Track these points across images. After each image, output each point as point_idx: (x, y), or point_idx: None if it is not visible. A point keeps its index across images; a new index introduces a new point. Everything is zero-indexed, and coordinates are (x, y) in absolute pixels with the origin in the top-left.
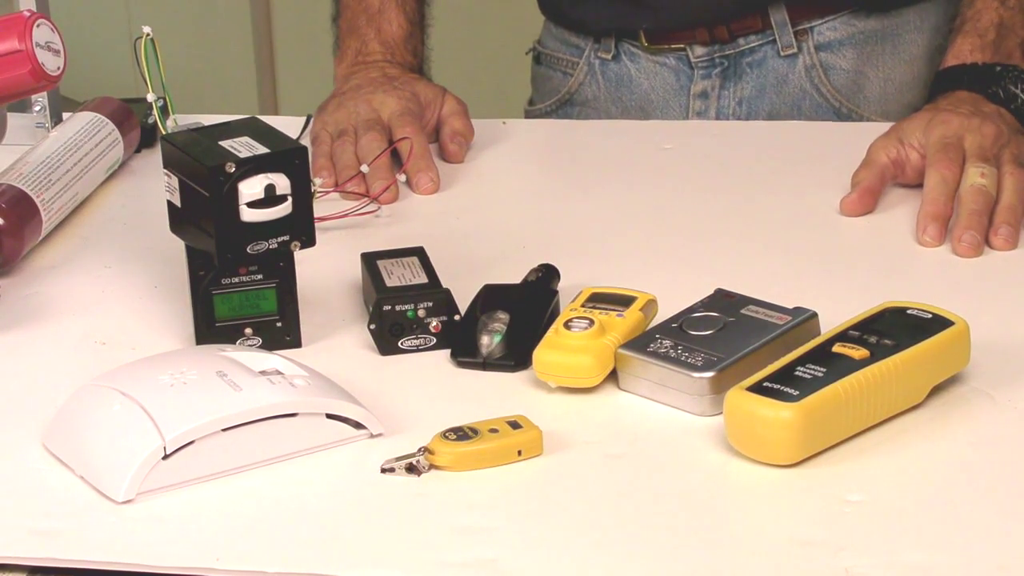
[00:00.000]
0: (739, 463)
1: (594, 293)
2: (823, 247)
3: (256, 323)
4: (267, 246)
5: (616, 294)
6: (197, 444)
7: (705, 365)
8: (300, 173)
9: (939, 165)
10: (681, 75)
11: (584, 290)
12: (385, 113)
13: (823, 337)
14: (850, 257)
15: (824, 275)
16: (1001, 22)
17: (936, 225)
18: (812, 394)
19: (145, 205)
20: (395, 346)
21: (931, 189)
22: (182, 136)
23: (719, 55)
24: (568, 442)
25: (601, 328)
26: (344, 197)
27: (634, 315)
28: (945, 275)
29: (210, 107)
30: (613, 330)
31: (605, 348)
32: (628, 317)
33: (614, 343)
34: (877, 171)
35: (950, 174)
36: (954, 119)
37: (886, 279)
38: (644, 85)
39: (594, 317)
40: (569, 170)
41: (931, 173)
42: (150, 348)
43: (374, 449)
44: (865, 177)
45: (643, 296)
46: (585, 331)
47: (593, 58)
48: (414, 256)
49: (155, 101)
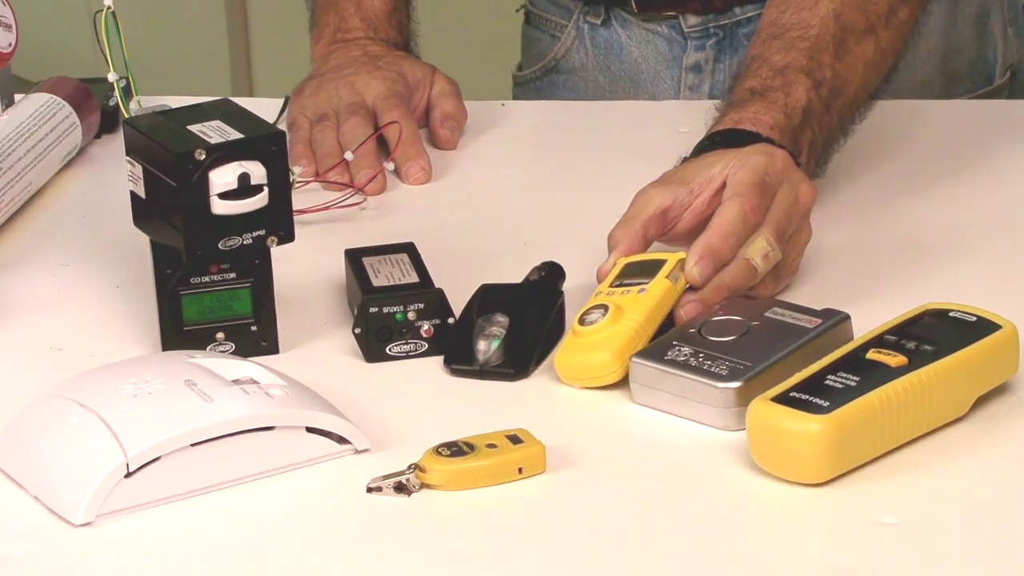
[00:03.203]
0: (763, 481)
1: (626, 265)
2: (855, 241)
3: (229, 327)
4: (241, 241)
5: (646, 261)
6: (163, 461)
7: (731, 374)
8: (277, 161)
9: (747, 201)
10: (674, 45)
11: (618, 262)
12: (369, 96)
13: (856, 342)
14: (886, 253)
15: (856, 273)
16: (808, 107)
17: (712, 265)
18: (844, 405)
19: (106, 196)
20: (382, 352)
21: (727, 222)
22: (147, 120)
23: (713, 25)
24: (575, 459)
25: (616, 313)
26: (326, 188)
27: (658, 288)
28: (992, 274)
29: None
30: (632, 311)
31: (619, 336)
32: (651, 291)
33: (631, 327)
34: (640, 227)
35: (753, 219)
36: (779, 162)
37: (926, 277)
38: (634, 54)
39: (609, 302)
40: (576, 156)
41: (732, 205)
42: (111, 355)
43: (359, 466)
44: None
45: (672, 257)
46: (598, 323)
47: (582, 22)
48: (403, 253)
49: (117, 81)
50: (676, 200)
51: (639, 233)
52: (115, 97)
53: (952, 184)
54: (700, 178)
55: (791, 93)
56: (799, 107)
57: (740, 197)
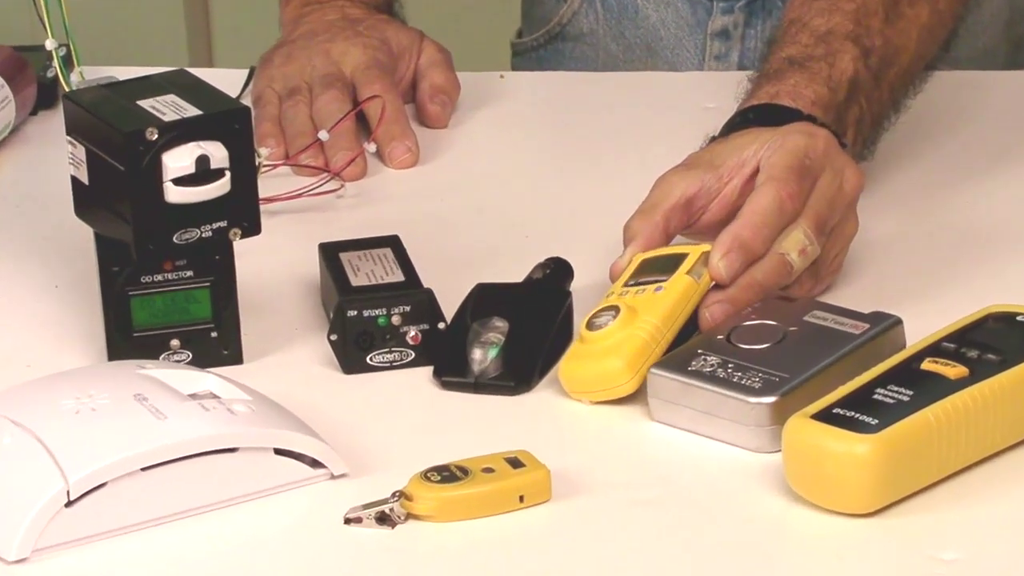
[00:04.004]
0: (802, 511)
1: (644, 261)
2: (908, 234)
3: (185, 333)
4: (199, 234)
5: (666, 256)
6: (109, 487)
7: (765, 388)
8: (241, 141)
9: (783, 187)
10: (698, 8)
11: (635, 257)
12: (348, 66)
13: (909, 351)
14: (943, 247)
15: (909, 270)
16: (855, 80)
17: (741, 259)
18: (895, 423)
19: (43, 182)
20: (363, 362)
21: (760, 211)
22: (91, 94)
23: None
24: (584, 485)
25: (628, 315)
26: (297, 172)
27: (677, 285)
28: None
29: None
30: (646, 312)
31: (632, 341)
32: (669, 289)
33: (645, 330)
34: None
35: (790, 208)
36: (821, 143)
37: (990, 276)
38: (652, 18)
39: (620, 303)
40: (585, 137)
41: (767, 191)
42: (49, 365)
43: (336, 494)
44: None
45: (695, 250)
46: (608, 327)
47: None
48: (387, 247)
49: (56, 49)
50: (702, 187)
51: (659, 224)
52: (54, 67)
53: (1020, 167)
54: (730, 162)
55: (835, 63)
56: (844, 79)
57: (776, 183)
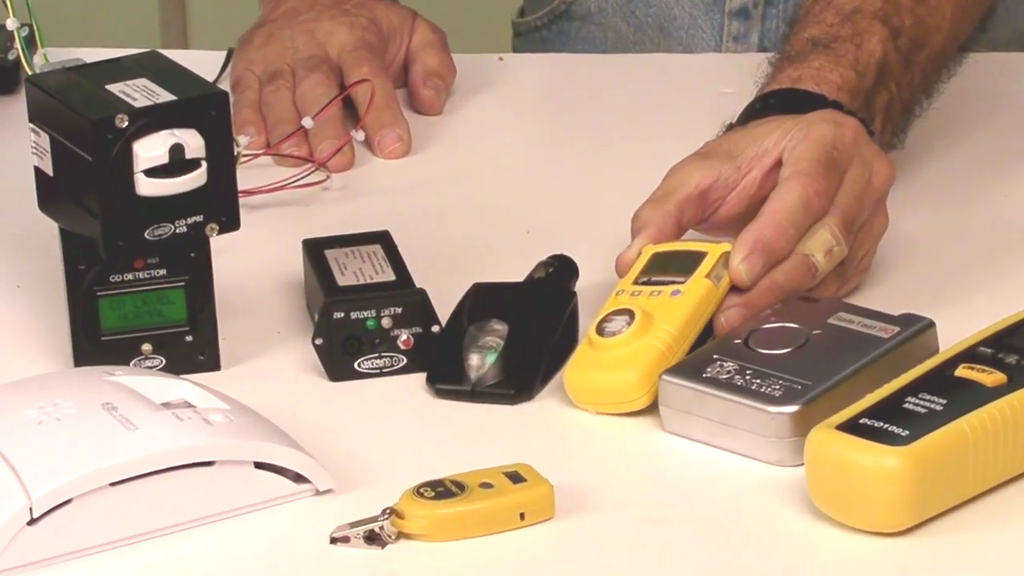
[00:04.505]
0: (826, 530)
1: (655, 255)
2: (941, 231)
3: (158, 336)
4: (173, 230)
5: (680, 252)
6: (76, 504)
7: (786, 396)
8: (218, 129)
9: (811, 183)
10: None
11: (645, 250)
12: (334, 47)
13: (943, 356)
14: (979, 244)
15: (943, 269)
16: (884, 63)
17: (763, 262)
18: (927, 435)
19: (3, 173)
20: (350, 368)
21: (785, 208)
22: (56, 78)
23: None
24: (590, 502)
25: (644, 322)
26: (280, 163)
27: (696, 290)
28: None
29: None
30: (664, 320)
31: (648, 352)
32: (688, 294)
33: (662, 341)
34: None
35: (816, 205)
36: (849, 133)
37: None
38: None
39: (635, 307)
40: (591, 124)
41: (793, 187)
42: (11, 372)
43: (321, 511)
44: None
45: (714, 250)
46: (622, 334)
47: None
48: (376, 244)
49: (17, 29)
50: (719, 178)
51: (672, 215)
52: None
53: None
54: (750, 152)
55: (863, 44)
56: (873, 62)
57: (802, 178)
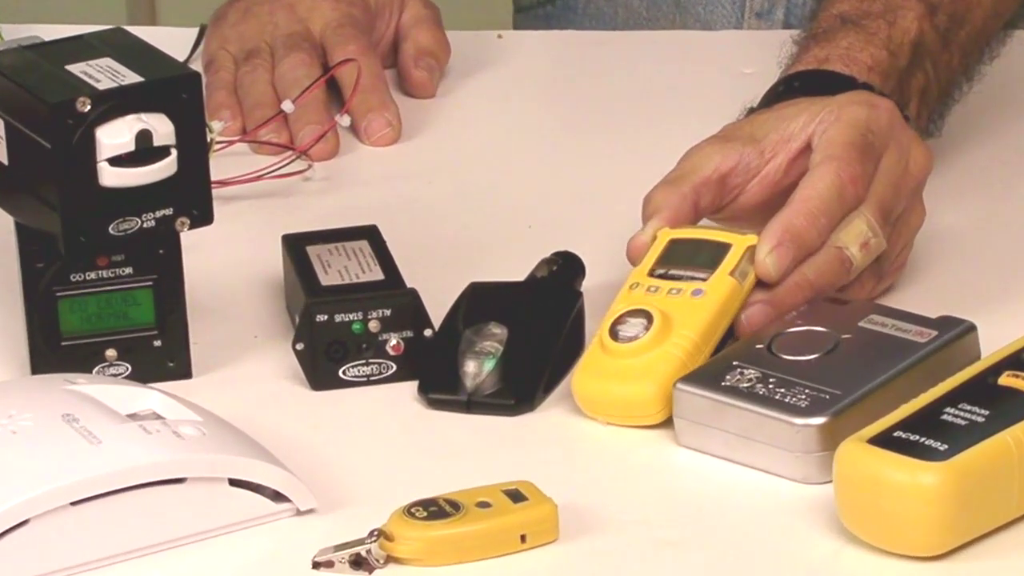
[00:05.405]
0: (857, 553)
1: (672, 242)
2: (982, 225)
3: (123, 341)
4: (139, 224)
5: (702, 241)
6: (33, 525)
7: (813, 407)
8: (190, 114)
9: (845, 168)
10: None
11: (661, 234)
12: (316, 24)
13: (984, 363)
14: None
15: (984, 267)
16: (920, 42)
17: (793, 254)
18: (968, 449)
19: None
20: (334, 376)
21: (818, 196)
22: (11, 57)
23: None
24: (597, 522)
25: (663, 326)
26: (257, 150)
27: (720, 289)
28: None
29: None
30: (684, 324)
31: (667, 362)
32: (711, 294)
33: (683, 349)
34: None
35: (852, 193)
36: (884, 116)
37: None
38: None
39: (652, 308)
40: (599, 108)
41: (826, 172)
42: None
43: (303, 532)
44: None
45: (740, 242)
46: (638, 340)
47: None
48: (363, 240)
49: None
50: (740, 162)
51: (688, 198)
52: None
53: None
54: (775, 136)
55: (897, 22)
56: (907, 41)
57: (836, 162)
